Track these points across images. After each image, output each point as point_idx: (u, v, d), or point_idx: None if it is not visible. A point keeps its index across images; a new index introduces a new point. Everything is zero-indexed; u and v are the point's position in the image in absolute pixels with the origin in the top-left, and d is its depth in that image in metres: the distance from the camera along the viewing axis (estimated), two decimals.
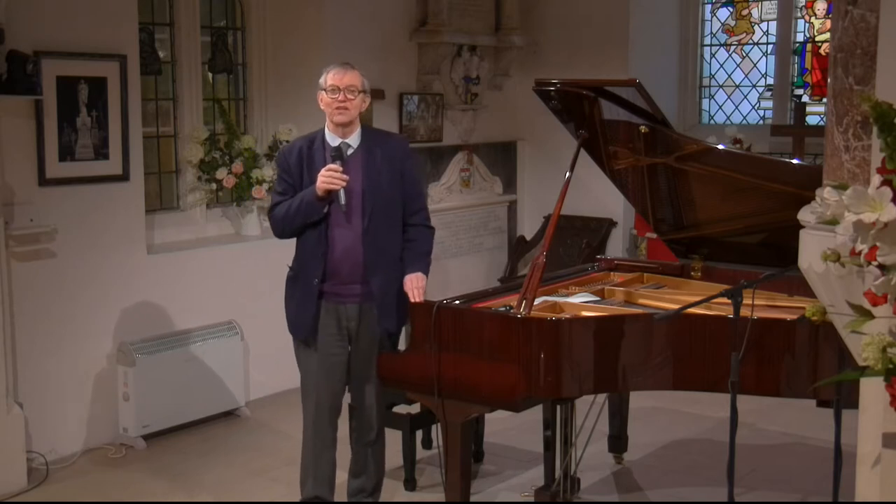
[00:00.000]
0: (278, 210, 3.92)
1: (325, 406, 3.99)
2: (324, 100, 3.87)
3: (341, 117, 3.84)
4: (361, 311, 3.92)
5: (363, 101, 3.89)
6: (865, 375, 2.11)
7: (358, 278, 3.88)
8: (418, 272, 3.93)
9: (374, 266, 3.88)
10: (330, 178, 3.74)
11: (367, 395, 4.04)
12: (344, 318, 3.92)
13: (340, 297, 3.90)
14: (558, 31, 7.51)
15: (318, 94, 3.89)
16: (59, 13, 4.88)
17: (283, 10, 6.22)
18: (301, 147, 3.93)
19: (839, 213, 2.09)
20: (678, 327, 3.54)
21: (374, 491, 4.14)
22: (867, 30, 2.30)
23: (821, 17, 7.37)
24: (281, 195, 3.93)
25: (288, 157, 3.94)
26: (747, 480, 4.63)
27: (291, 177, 3.91)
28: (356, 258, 3.86)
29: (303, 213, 3.83)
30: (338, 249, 3.85)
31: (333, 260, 3.86)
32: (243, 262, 5.81)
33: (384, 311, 3.93)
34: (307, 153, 3.90)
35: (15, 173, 4.73)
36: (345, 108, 3.82)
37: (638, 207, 4.59)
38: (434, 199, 7.06)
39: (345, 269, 3.87)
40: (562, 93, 4.14)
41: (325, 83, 3.85)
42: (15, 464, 4.62)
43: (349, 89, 3.82)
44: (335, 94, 3.82)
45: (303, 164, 3.89)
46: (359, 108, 3.87)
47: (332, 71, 3.86)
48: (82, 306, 5.06)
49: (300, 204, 3.83)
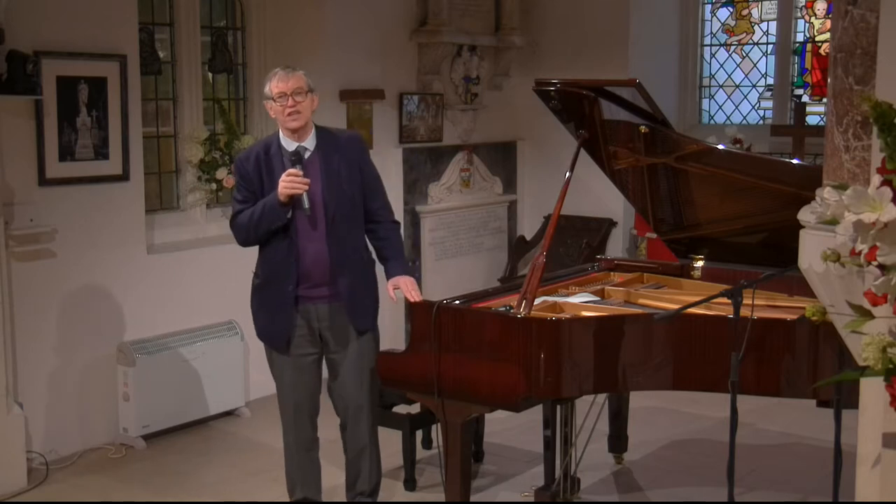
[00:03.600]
0: (241, 218, 3.87)
1: (303, 407, 3.98)
2: (273, 109, 3.81)
3: (295, 122, 3.79)
4: (331, 311, 3.89)
5: (313, 101, 3.84)
6: (865, 375, 2.11)
7: (326, 279, 3.86)
8: (405, 275, 3.95)
9: (341, 266, 3.85)
10: (291, 184, 3.70)
11: (353, 400, 3.98)
12: (315, 318, 3.90)
13: (311, 299, 3.87)
14: (558, 31, 7.51)
15: (266, 103, 3.84)
16: (59, 13, 4.88)
17: (283, 10, 6.22)
18: (258, 153, 3.88)
19: (839, 213, 2.09)
20: (678, 327, 3.54)
21: (373, 492, 4.14)
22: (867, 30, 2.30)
23: (821, 17, 7.37)
24: (242, 203, 3.89)
25: (245, 164, 3.88)
26: (747, 480, 4.63)
27: (251, 184, 3.87)
28: (324, 261, 3.84)
29: (266, 219, 3.79)
30: (308, 256, 3.82)
31: (305, 265, 3.83)
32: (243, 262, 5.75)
33: (353, 309, 3.90)
34: (265, 159, 3.85)
35: (15, 173, 4.73)
36: (297, 111, 3.77)
37: (638, 207, 4.60)
38: (434, 199, 7.06)
39: (315, 272, 3.84)
40: (562, 93, 4.14)
41: (270, 92, 3.79)
42: (15, 464, 4.63)
43: (297, 92, 3.76)
44: (284, 101, 3.76)
45: (261, 171, 3.84)
46: (310, 108, 3.82)
47: (275, 78, 3.80)
48: (82, 306, 5.06)
49: (263, 211, 3.79)
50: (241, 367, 5.68)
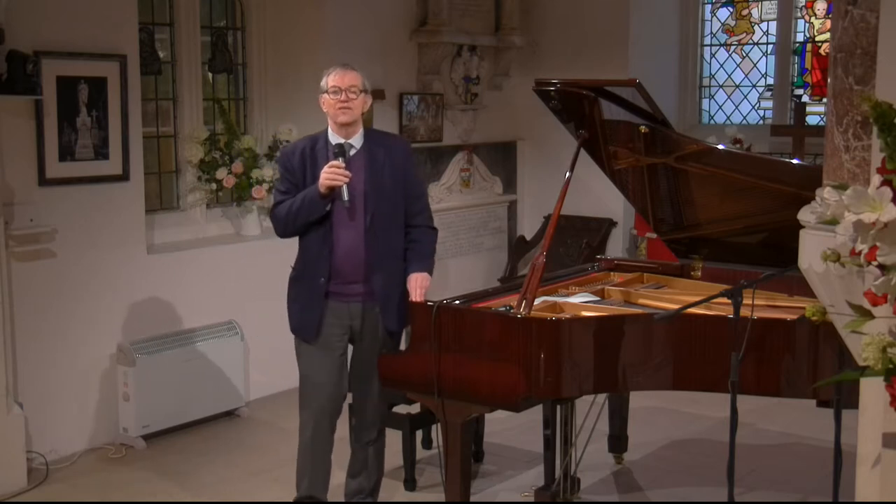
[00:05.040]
0: (280, 209, 3.93)
1: (327, 409, 3.97)
2: (326, 101, 3.88)
3: (345, 117, 3.86)
4: (364, 310, 3.92)
5: (365, 101, 3.91)
6: (865, 375, 2.11)
7: (360, 277, 3.89)
8: (423, 272, 3.95)
9: (377, 265, 3.88)
10: (333, 175, 3.76)
11: (369, 394, 4.04)
12: (347, 316, 3.93)
13: (344, 296, 3.90)
14: (558, 31, 7.51)
15: (321, 97, 3.91)
16: (59, 13, 4.88)
17: (283, 10, 6.22)
18: (304, 147, 3.95)
19: (839, 213, 2.09)
20: (678, 327, 3.54)
21: (373, 491, 4.15)
22: (867, 30, 2.30)
23: (821, 17, 7.37)
24: (284, 194, 3.94)
25: (291, 157, 3.96)
26: (747, 480, 4.63)
27: (294, 176, 3.93)
28: (359, 257, 3.87)
29: (305, 210, 3.84)
30: (341, 248, 3.86)
31: (337, 259, 3.86)
32: (243, 262, 5.81)
33: (387, 309, 3.93)
34: (310, 153, 3.92)
35: (15, 173, 4.73)
36: (348, 107, 3.84)
37: (638, 207, 4.59)
38: (434, 199, 7.05)
39: (348, 267, 3.87)
40: (562, 93, 4.14)
41: (326, 85, 3.87)
42: (15, 464, 4.62)
43: (351, 89, 3.84)
44: (337, 95, 3.84)
45: (306, 164, 3.91)
46: (361, 107, 3.89)
47: (333, 72, 3.88)
48: (82, 306, 5.06)
49: (303, 201, 3.84)
50: (241, 367, 5.67)
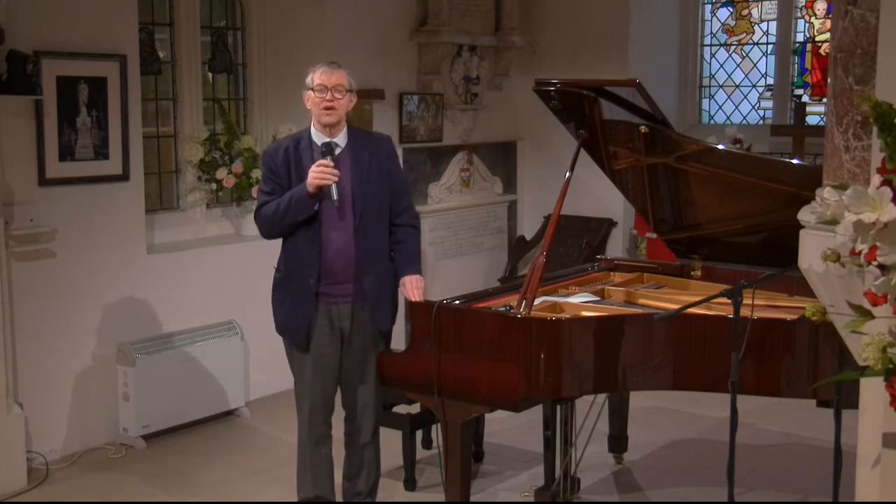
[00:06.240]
0: (266, 209, 3.88)
1: (319, 406, 3.97)
2: (311, 99, 3.85)
3: (329, 118, 3.83)
4: (354, 311, 3.90)
5: (350, 101, 3.88)
6: (865, 375, 2.11)
7: (351, 277, 3.86)
8: (416, 274, 3.95)
9: (367, 264, 3.87)
10: (322, 174, 3.73)
11: (361, 397, 4.01)
12: (336, 317, 3.90)
13: (333, 296, 3.88)
14: (558, 31, 7.51)
15: (305, 93, 3.88)
16: (59, 13, 4.88)
17: (283, 10, 6.22)
18: (287, 146, 3.91)
19: (839, 213, 2.09)
20: (678, 327, 3.54)
21: (371, 492, 4.13)
22: (867, 30, 2.30)
23: (821, 17, 7.37)
24: (268, 195, 3.90)
25: (274, 156, 3.92)
26: (747, 480, 4.63)
27: (278, 176, 3.89)
28: (349, 257, 3.85)
29: (293, 210, 3.80)
30: (331, 248, 3.83)
31: (327, 259, 3.84)
32: (243, 262, 5.81)
33: (377, 309, 3.92)
34: (294, 152, 3.88)
35: (15, 173, 4.73)
36: (332, 107, 3.82)
37: (638, 207, 4.59)
38: (434, 199, 7.06)
39: (338, 268, 3.85)
40: (562, 93, 4.14)
41: (312, 82, 3.84)
42: (15, 464, 4.62)
43: (336, 88, 3.81)
44: (323, 94, 3.81)
45: (290, 164, 3.87)
46: (346, 107, 3.87)
47: (320, 70, 3.85)
48: (82, 306, 5.06)
49: (290, 201, 3.80)
50: (241, 367, 5.67)
